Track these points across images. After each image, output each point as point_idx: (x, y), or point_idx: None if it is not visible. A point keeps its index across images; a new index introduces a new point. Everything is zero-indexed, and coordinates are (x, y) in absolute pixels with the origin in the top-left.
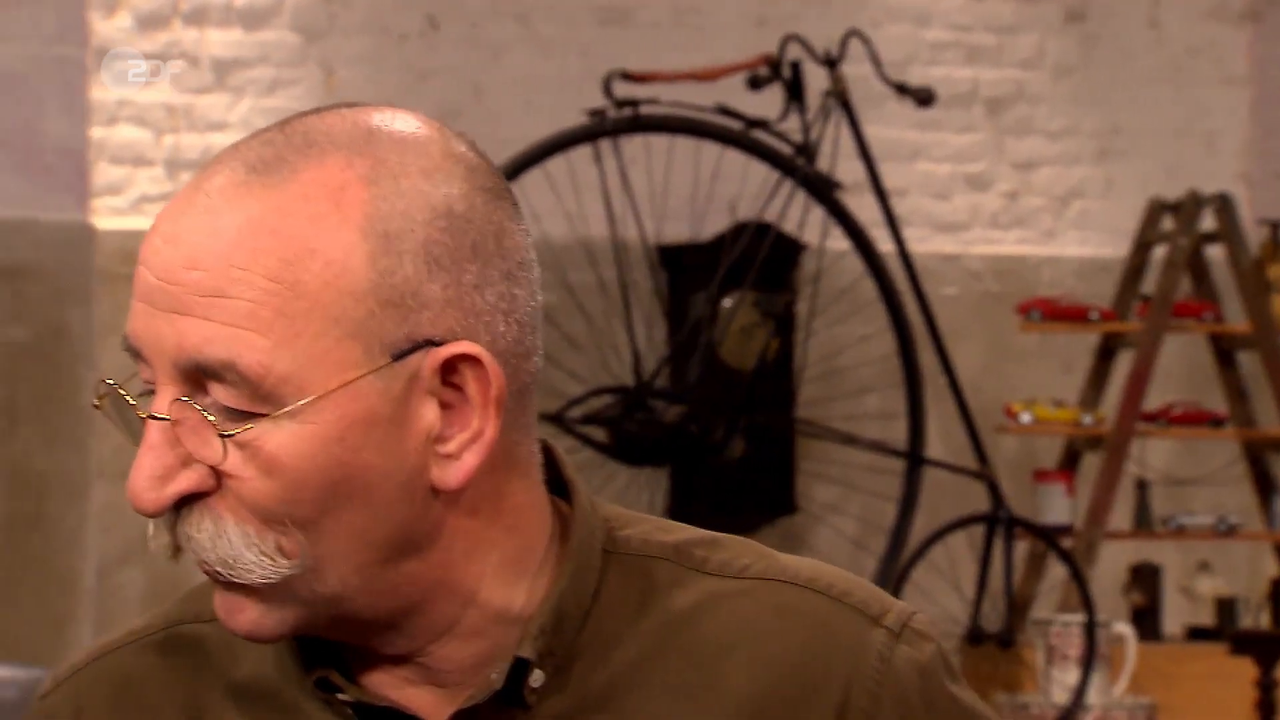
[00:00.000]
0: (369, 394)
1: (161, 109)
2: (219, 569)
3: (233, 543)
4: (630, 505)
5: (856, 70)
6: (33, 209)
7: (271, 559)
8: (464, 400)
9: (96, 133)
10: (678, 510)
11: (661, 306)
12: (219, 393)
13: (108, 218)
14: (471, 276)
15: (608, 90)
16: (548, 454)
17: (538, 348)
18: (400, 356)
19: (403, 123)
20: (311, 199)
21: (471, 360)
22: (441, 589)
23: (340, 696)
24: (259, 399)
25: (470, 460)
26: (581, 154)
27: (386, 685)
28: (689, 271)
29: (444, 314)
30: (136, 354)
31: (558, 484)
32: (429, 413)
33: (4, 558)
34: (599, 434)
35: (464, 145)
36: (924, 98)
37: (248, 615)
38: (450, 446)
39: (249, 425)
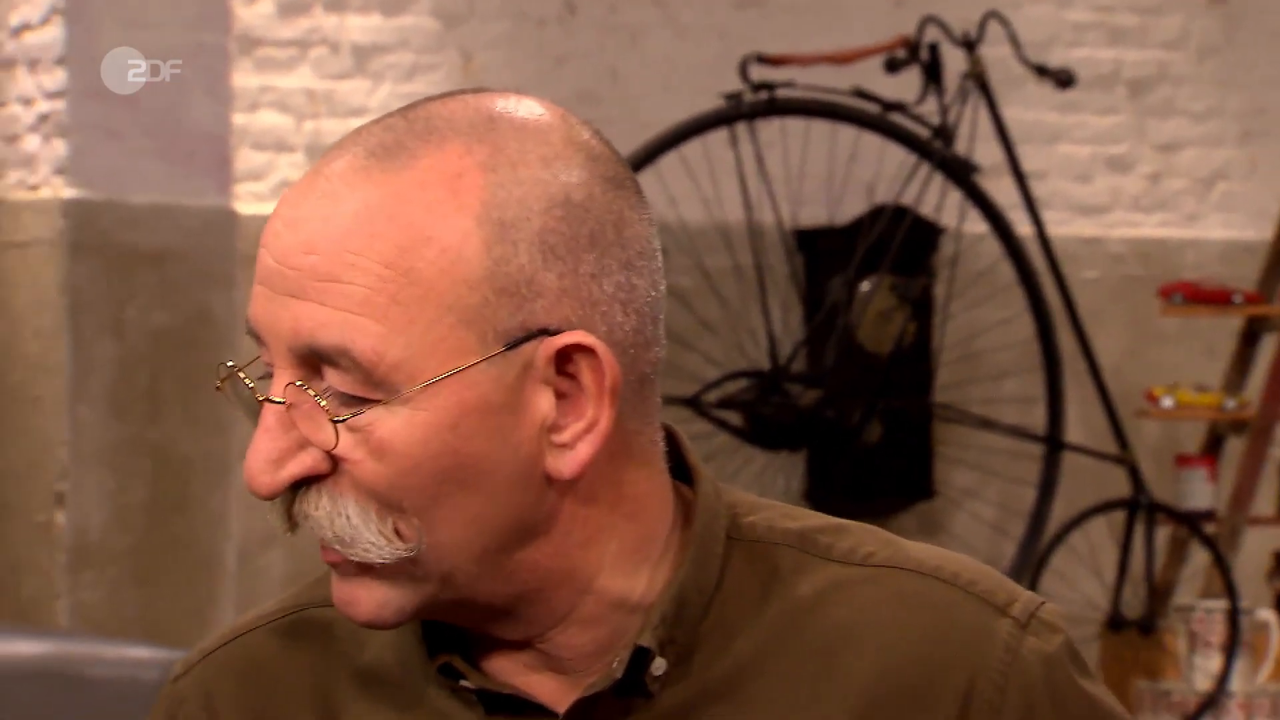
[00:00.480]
0: (482, 382)
1: (302, 95)
2: (336, 546)
3: (351, 521)
4: (766, 490)
5: (995, 52)
6: (176, 194)
7: (389, 540)
8: (579, 390)
9: (239, 119)
10: (814, 495)
11: (798, 291)
12: (333, 378)
13: (250, 203)
14: (589, 266)
15: (744, 74)
16: (671, 440)
17: (659, 338)
18: (514, 345)
19: (526, 110)
20: (428, 186)
21: (586, 350)
22: (559, 576)
23: (464, 684)
24: (372, 385)
25: (585, 450)
26: (717, 138)
27: (508, 672)
28: (825, 255)
29: (559, 303)
30: (257, 337)
31: (682, 470)
32: (543, 402)
33: (148, 540)
34: (735, 418)
35: (588, 133)
36: (1064, 79)
37: (367, 605)
38: (565, 436)
39: (362, 410)
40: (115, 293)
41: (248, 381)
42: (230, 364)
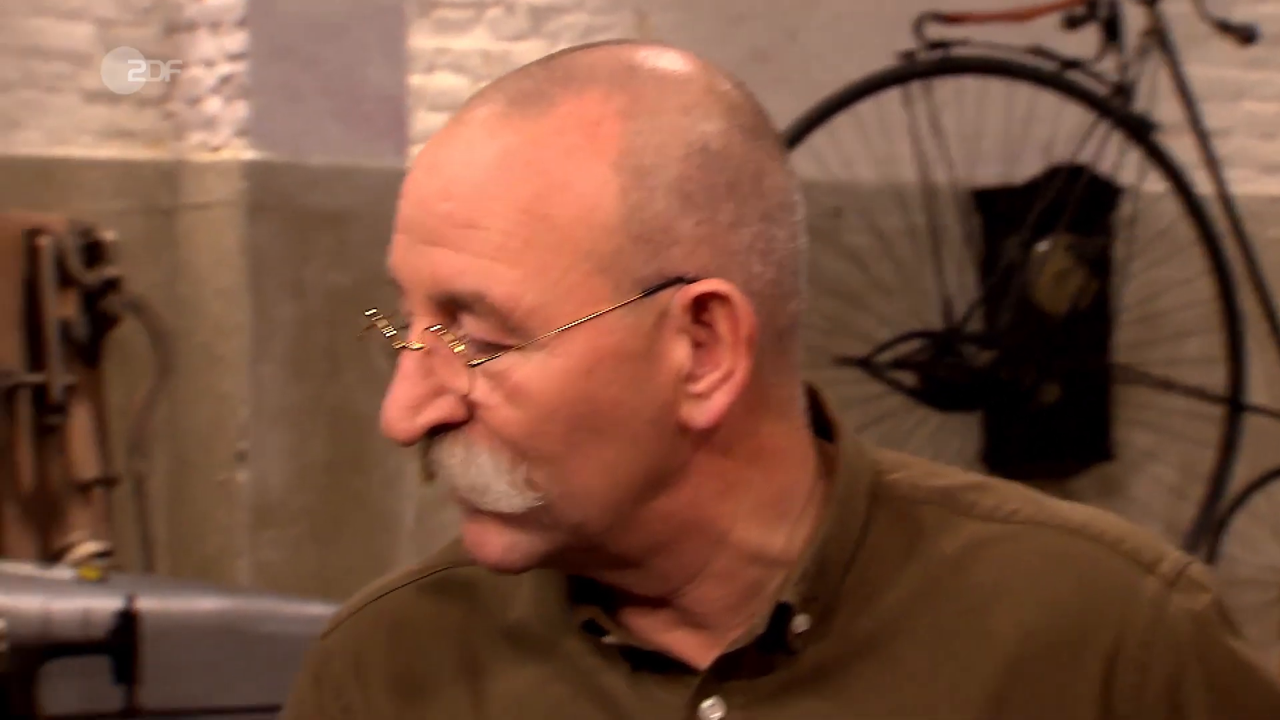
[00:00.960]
0: (618, 329)
1: (479, 56)
2: (468, 495)
3: (483, 471)
4: (940, 451)
5: (1176, 8)
6: (354, 156)
7: (520, 490)
8: (715, 339)
9: (415, 80)
10: (991, 456)
11: (972, 251)
12: (470, 324)
13: None
14: (726, 215)
15: (919, 32)
16: (813, 396)
17: (799, 290)
18: (650, 292)
19: (667, 60)
20: (566, 132)
21: (723, 299)
22: (692, 528)
23: (607, 640)
24: (508, 331)
25: (720, 400)
26: (892, 97)
27: (650, 629)
28: (1001, 215)
29: (696, 251)
30: (397, 285)
31: (825, 429)
32: (679, 350)
33: (327, 499)
34: (908, 379)
35: (728, 84)
36: (1247, 35)
37: (495, 546)
38: (700, 386)
39: (497, 356)
40: (294, 253)
41: (388, 329)
42: (372, 312)
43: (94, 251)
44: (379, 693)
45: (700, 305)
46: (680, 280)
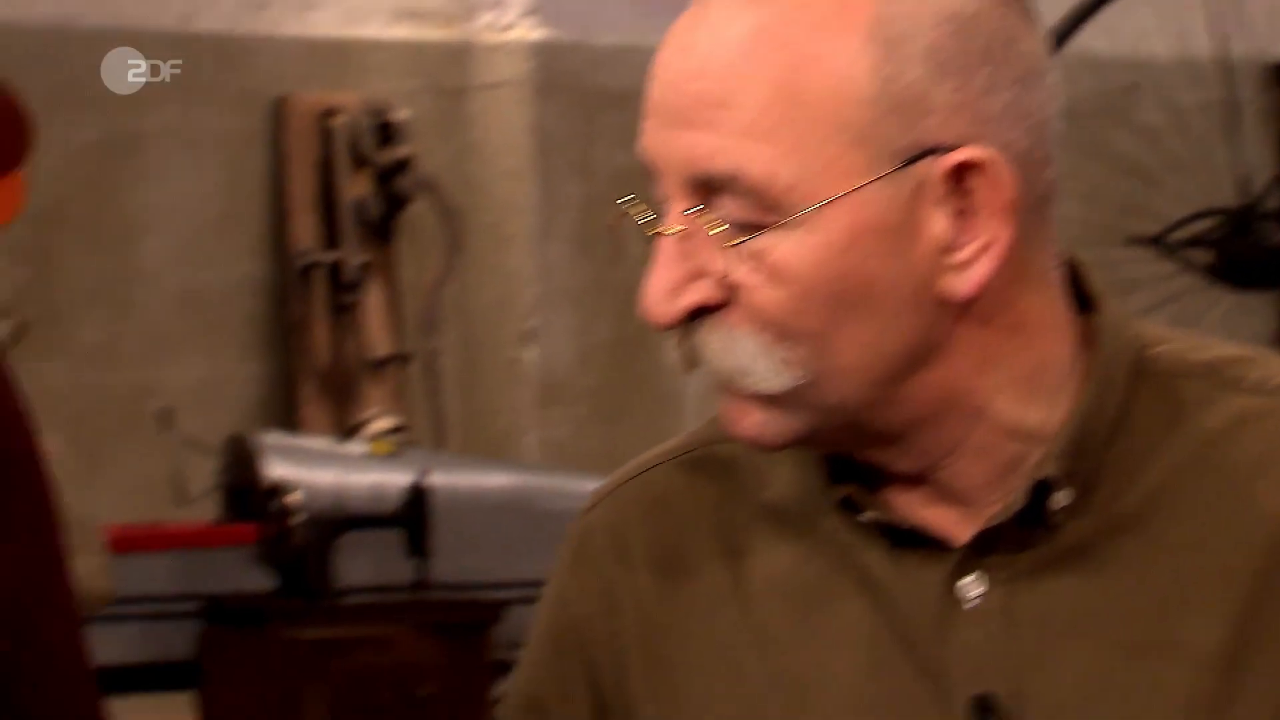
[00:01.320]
0: (876, 201)
1: None
2: (730, 378)
3: (744, 352)
4: (1235, 331)
5: None
6: (640, 34)
7: (781, 369)
8: (975, 208)
9: None
10: None
11: (1270, 126)
12: (727, 204)
13: None
14: (981, 81)
15: None
16: (1075, 269)
17: (1053, 158)
18: (907, 163)
19: None
20: (816, 6)
21: (982, 167)
22: (950, 403)
23: (864, 516)
24: (765, 209)
25: (981, 269)
26: None
27: (907, 505)
28: None
29: (951, 119)
30: (651, 169)
31: (1086, 302)
32: (938, 221)
33: (612, 377)
34: (1202, 257)
35: None
36: None
37: (752, 421)
38: (961, 255)
39: (756, 235)
40: (581, 133)
41: (643, 213)
42: (627, 197)
43: (386, 131)
44: (640, 569)
45: (958, 174)
46: (937, 149)
